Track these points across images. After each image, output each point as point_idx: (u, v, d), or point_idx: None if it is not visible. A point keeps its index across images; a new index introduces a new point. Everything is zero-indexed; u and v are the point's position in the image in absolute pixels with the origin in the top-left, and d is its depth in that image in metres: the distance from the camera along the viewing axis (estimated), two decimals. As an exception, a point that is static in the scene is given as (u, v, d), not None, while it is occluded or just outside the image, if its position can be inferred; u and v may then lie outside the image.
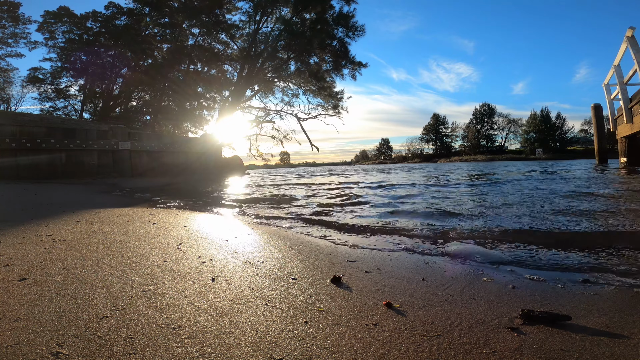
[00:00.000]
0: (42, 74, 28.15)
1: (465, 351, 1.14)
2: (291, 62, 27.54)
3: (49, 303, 1.52)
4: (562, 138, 68.83)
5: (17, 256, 2.32)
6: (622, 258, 2.25)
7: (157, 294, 1.65)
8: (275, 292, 1.69)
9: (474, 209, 4.58)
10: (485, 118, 77.35)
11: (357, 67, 27.70)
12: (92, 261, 2.22)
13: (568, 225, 3.35)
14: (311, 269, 2.11)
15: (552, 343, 1.18)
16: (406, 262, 2.34)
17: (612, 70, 13.68)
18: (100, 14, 28.05)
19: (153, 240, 2.89)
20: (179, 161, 23.19)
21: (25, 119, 16.64)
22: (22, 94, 30.05)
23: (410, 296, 1.66)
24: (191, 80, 27.93)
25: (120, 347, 1.16)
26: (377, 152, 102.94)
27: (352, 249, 2.77)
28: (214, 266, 2.15)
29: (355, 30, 26.49)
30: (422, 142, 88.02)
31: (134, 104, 31.29)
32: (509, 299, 1.61)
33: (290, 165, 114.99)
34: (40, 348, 1.14)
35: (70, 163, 17.02)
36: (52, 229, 3.33)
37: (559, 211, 4.13)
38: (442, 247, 2.75)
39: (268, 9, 26.04)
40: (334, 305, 1.53)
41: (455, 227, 3.43)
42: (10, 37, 27.33)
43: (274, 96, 31.25)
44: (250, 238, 3.14)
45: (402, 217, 4.28)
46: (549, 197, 5.58)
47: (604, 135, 18.19)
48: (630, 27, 11.09)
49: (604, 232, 2.96)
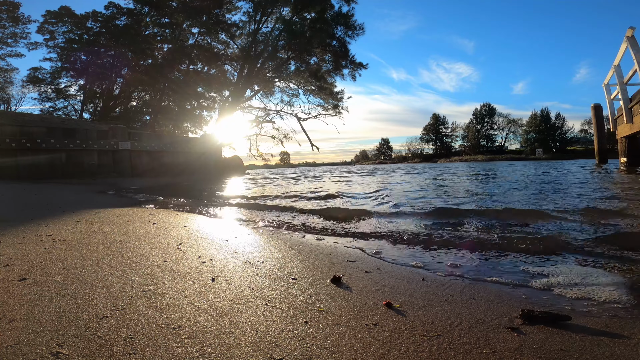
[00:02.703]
0: (42, 74, 28.20)
1: (465, 351, 1.14)
2: (291, 62, 27.58)
3: (49, 303, 1.52)
4: (562, 138, 68.83)
5: (17, 256, 2.32)
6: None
7: (157, 294, 1.65)
8: (275, 292, 1.69)
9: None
10: (486, 118, 77.34)
11: (357, 68, 27.76)
12: (92, 261, 2.22)
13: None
14: (311, 269, 2.11)
15: (552, 343, 1.18)
16: (406, 262, 2.34)
17: (612, 70, 13.68)
18: (100, 14, 28.07)
19: (153, 240, 2.89)
20: (179, 161, 23.19)
21: (25, 119, 16.66)
22: (22, 94, 30.08)
23: (410, 296, 1.66)
24: (191, 80, 27.93)
25: (120, 347, 1.16)
26: (377, 152, 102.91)
27: (352, 249, 2.77)
28: (214, 266, 2.15)
29: (354, 29, 26.56)
30: (422, 142, 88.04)
31: (134, 104, 31.32)
32: (509, 299, 1.61)
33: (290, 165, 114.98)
34: (40, 348, 1.14)
35: (70, 163, 17.03)
36: (52, 229, 3.33)
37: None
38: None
39: (268, 9, 26.06)
40: (334, 305, 1.53)
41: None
42: (10, 37, 27.36)
43: (274, 96, 31.26)
44: (250, 238, 3.14)
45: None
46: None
47: (604, 135, 18.17)
48: (630, 27, 11.09)
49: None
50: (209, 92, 30.18)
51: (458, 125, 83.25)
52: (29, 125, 16.08)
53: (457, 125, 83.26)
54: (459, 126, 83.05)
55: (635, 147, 13.55)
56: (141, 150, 20.57)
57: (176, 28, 27.40)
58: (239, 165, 29.24)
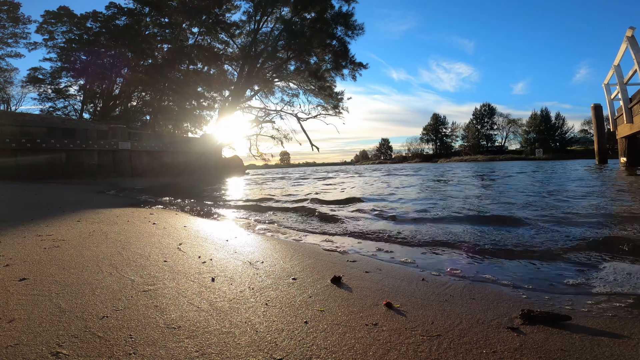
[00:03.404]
0: (42, 74, 28.17)
1: (465, 351, 1.14)
2: (291, 61, 27.59)
3: (49, 303, 1.52)
4: (562, 138, 68.83)
5: (17, 256, 2.32)
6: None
7: (157, 294, 1.65)
8: (275, 292, 1.69)
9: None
10: (486, 118, 77.32)
11: (357, 68, 27.76)
12: (92, 261, 2.22)
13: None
14: (311, 269, 2.11)
15: (552, 343, 1.18)
16: (406, 262, 2.34)
17: (612, 70, 13.68)
18: (100, 14, 28.07)
19: (153, 240, 2.89)
20: (179, 161, 23.20)
21: (25, 119, 16.66)
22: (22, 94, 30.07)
23: (410, 296, 1.65)
24: (191, 80, 27.94)
25: (120, 347, 1.16)
26: (377, 152, 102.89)
27: (351, 249, 2.77)
28: (214, 266, 2.15)
29: (354, 29, 26.56)
30: (422, 142, 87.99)
31: (134, 104, 31.32)
32: (509, 299, 1.61)
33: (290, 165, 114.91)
34: (40, 348, 1.14)
35: (70, 163, 17.03)
36: (52, 229, 3.33)
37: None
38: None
39: (268, 9, 26.06)
40: (334, 305, 1.53)
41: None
42: (10, 37, 27.34)
43: (274, 96, 31.32)
44: (250, 238, 3.14)
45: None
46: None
47: (604, 135, 18.18)
48: (630, 27, 11.09)
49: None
50: (209, 92, 30.20)
51: (458, 125, 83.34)
52: (29, 125, 16.09)
53: (457, 125, 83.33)
54: (459, 126, 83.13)
55: (635, 147, 13.55)
56: (141, 150, 20.57)
57: (176, 28, 27.40)
58: (239, 165, 29.25)
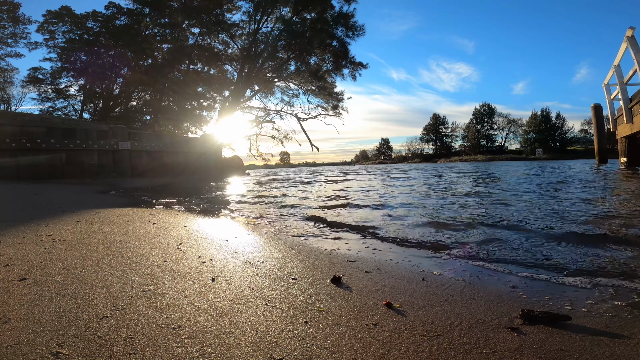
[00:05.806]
0: (42, 74, 28.13)
1: (465, 351, 1.14)
2: (291, 62, 27.57)
3: (49, 303, 1.52)
4: (562, 138, 68.82)
5: (17, 256, 2.31)
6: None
7: (157, 294, 1.65)
8: (275, 292, 1.69)
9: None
10: (485, 118, 77.29)
11: (357, 68, 27.74)
12: (92, 261, 2.22)
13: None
14: (311, 269, 2.11)
15: (552, 343, 1.18)
16: (406, 262, 2.34)
17: (612, 70, 13.68)
18: (100, 14, 28.04)
19: (153, 240, 2.89)
20: (179, 161, 23.18)
21: (25, 119, 16.64)
22: (22, 94, 30.03)
23: (410, 296, 1.65)
24: (191, 80, 27.91)
25: (120, 347, 1.16)
26: (377, 152, 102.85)
27: (351, 250, 2.77)
28: (214, 266, 2.15)
29: (355, 30, 26.53)
30: (422, 142, 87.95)
31: (134, 104, 31.28)
32: (509, 299, 1.61)
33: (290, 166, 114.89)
34: (40, 348, 1.14)
35: (70, 163, 17.01)
36: (52, 229, 3.33)
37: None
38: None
39: (268, 9, 26.04)
40: (334, 305, 1.53)
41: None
42: (10, 37, 27.29)
43: (274, 96, 31.29)
44: (250, 238, 3.14)
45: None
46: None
47: (604, 135, 18.19)
48: (630, 27, 11.09)
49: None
50: (209, 92, 30.16)
51: (458, 125, 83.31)
52: (29, 125, 16.07)
53: (457, 125, 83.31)
54: (459, 126, 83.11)
55: (635, 147, 13.55)
56: (141, 150, 20.55)
57: (176, 28, 27.38)
58: (239, 165, 29.24)
